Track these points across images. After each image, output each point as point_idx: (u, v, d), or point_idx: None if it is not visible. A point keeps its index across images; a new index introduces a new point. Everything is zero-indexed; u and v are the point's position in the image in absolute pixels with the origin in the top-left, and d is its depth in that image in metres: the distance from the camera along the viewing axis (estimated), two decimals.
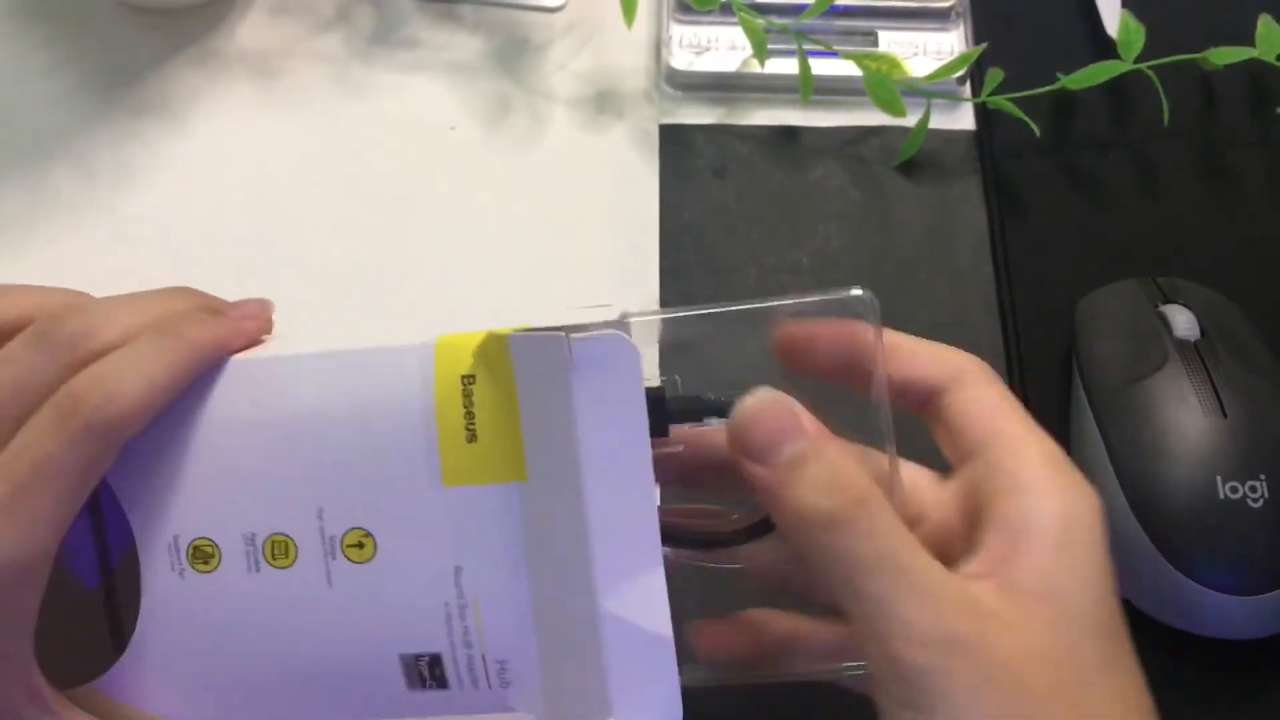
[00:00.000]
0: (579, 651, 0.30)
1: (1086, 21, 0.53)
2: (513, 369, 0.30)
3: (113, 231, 0.46)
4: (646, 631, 0.29)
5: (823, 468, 0.29)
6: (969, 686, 0.27)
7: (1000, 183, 0.49)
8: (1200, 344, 0.41)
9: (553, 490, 0.30)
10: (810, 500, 0.28)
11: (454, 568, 0.30)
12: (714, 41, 0.52)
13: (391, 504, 0.30)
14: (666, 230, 0.48)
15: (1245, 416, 0.39)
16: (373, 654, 0.31)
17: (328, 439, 0.30)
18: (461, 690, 0.31)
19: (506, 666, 0.31)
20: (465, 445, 0.30)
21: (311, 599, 0.30)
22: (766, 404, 0.29)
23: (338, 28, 0.53)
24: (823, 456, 0.29)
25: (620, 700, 0.29)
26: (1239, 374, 0.41)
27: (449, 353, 0.31)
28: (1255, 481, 0.38)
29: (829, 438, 0.29)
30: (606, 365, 0.29)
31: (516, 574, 0.30)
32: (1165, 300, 0.43)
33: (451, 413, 0.30)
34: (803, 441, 0.29)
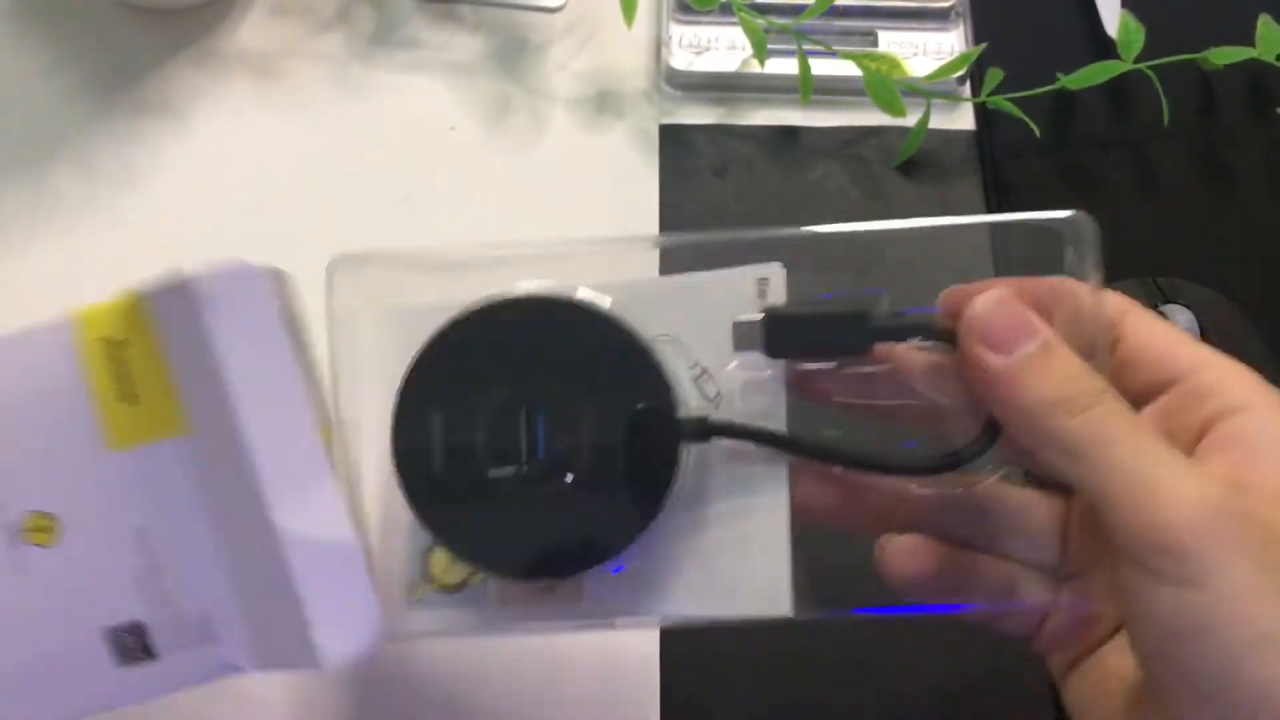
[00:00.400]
0: (273, 583, 0.30)
1: (1086, 21, 0.53)
2: (158, 323, 0.31)
3: (113, 231, 0.46)
4: (329, 542, 0.30)
5: (1065, 360, 0.29)
6: (1243, 551, 0.26)
7: (1000, 183, 0.49)
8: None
9: (217, 432, 0.30)
10: (1055, 387, 0.29)
11: (135, 530, 0.31)
12: (714, 41, 0.52)
13: (64, 481, 0.31)
14: (666, 230, 0.48)
15: None
16: (76, 638, 0.31)
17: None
18: (171, 656, 0.31)
19: (209, 620, 0.31)
20: (125, 408, 0.31)
21: (3, 593, 0.31)
22: (1006, 301, 0.30)
23: (338, 28, 0.53)
24: (1062, 352, 0.29)
25: (318, 616, 0.30)
26: None
27: (89, 322, 0.31)
28: None
29: (1061, 340, 0.29)
30: (236, 295, 0.30)
31: (200, 525, 0.31)
32: (1165, 300, 0.43)
33: (103, 379, 0.31)
34: (1042, 337, 0.29)
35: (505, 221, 0.48)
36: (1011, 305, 0.30)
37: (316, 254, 0.48)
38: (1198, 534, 0.27)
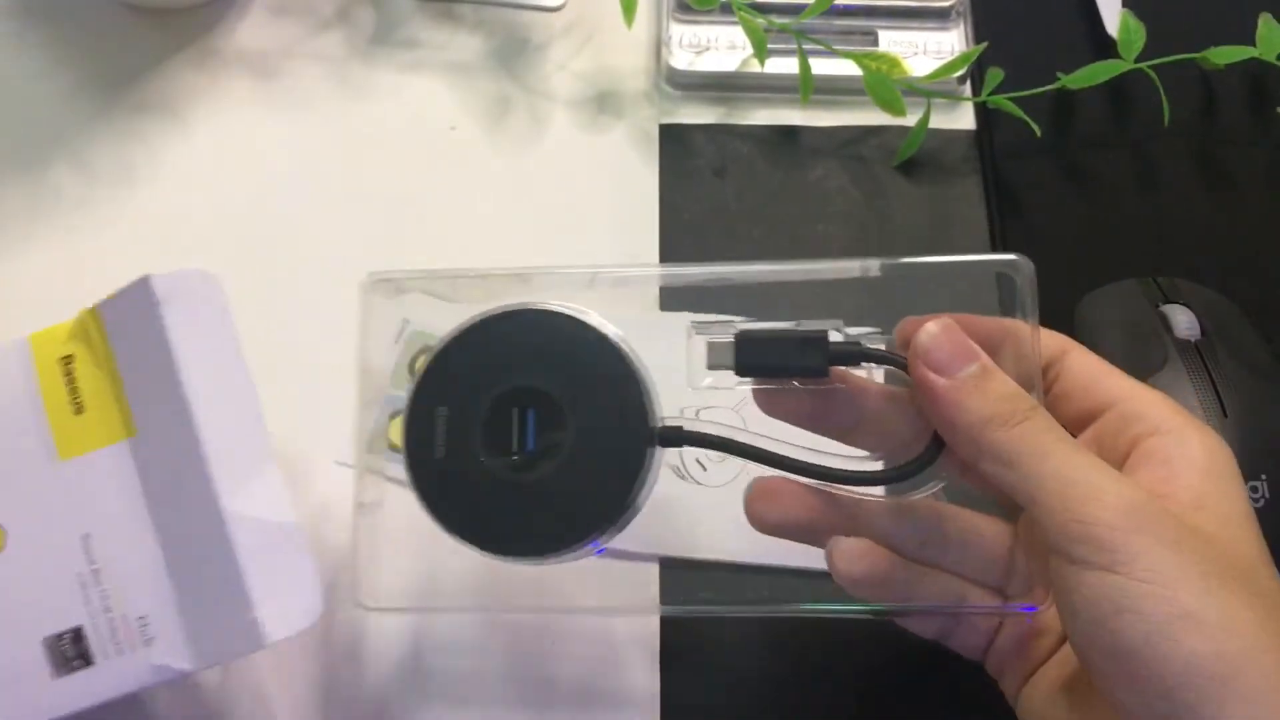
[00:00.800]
0: (215, 568, 0.32)
1: (1086, 21, 0.53)
2: (108, 333, 0.33)
3: (112, 231, 0.46)
4: (271, 523, 0.32)
5: (1000, 381, 0.32)
6: (1162, 541, 0.29)
7: (1000, 182, 0.49)
8: (1200, 344, 0.41)
9: (163, 427, 0.32)
10: (991, 404, 0.32)
11: (82, 536, 0.32)
12: (714, 41, 0.52)
13: (16, 492, 0.32)
14: (666, 230, 0.48)
15: (1246, 417, 0.39)
16: (17, 648, 0.32)
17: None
18: (107, 661, 0.32)
19: (147, 621, 0.32)
20: (74, 418, 0.33)
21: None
22: (949, 329, 0.33)
23: (338, 27, 0.53)
24: (998, 375, 0.33)
25: (261, 594, 0.31)
26: (1239, 374, 0.41)
27: (45, 342, 0.34)
28: (1256, 482, 0.38)
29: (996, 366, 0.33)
30: (191, 298, 0.34)
31: (140, 525, 0.32)
32: (1165, 300, 0.43)
33: (56, 393, 0.33)
34: (980, 361, 0.33)
35: (505, 221, 0.48)
36: (954, 333, 0.33)
37: (316, 254, 0.48)
38: (1120, 527, 0.29)
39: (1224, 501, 0.31)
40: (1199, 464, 0.32)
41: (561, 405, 0.34)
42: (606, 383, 0.35)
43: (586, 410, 0.34)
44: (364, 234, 0.48)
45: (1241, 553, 0.31)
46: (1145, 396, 0.34)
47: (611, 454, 0.34)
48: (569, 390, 0.35)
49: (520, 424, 0.35)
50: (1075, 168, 0.50)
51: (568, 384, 0.35)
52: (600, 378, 0.35)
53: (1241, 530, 0.31)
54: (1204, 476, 0.32)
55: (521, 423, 0.35)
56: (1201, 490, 0.31)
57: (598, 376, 0.35)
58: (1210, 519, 0.31)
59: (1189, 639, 0.28)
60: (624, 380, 0.34)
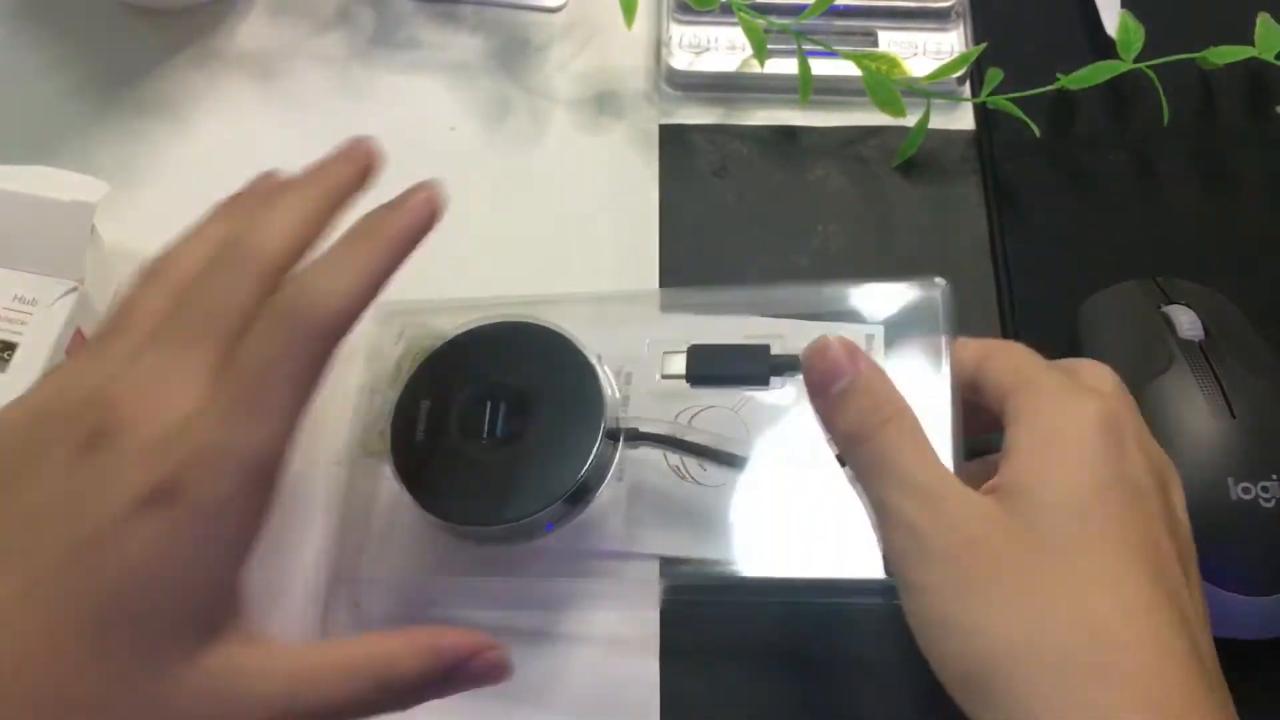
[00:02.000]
0: None
1: (1086, 21, 0.53)
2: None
3: (112, 231, 0.46)
4: None
5: (859, 398, 0.34)
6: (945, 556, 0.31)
7: (1000, 183, 0.49)
8: (1204, 344, 0.41)
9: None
10: (850, 421, 0.34)
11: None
12: (714, 41, 0.52)
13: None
14: (666, 230, 0.48)
15: (1253, 417, 0.39)
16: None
17: None
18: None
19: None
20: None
21: None
22: (820, 349, 0.34)
23: (338, 28, 0.53)
24: (861, 389, 0.34)
25: None
26: (1244, 374, 0.40)
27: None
28: (1267, 482, 0.38)
29: (875, 372, 0.34)
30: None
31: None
32: (1167, 300, 0.43)
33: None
34: (846, 379, 0.34)
35: (505, 222, 0.48)
36: (826, 352, 0.34)
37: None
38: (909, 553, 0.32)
39: (1049, 488, 0.32)
40: (1027, 447, 0.33)
41: (529, 401, 0.39)
42: (571, 385, 0.39)
43: (550, 407, 0.38)
44: None
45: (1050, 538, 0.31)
46: (1027, 385, 0.34)
47: (568, 444, 0.38)
48: (538, 389, 0.39)
49: (492, 415, 0.39)
50: (1074, 168, 0.50)
51: (537, 384, 0.39)
52: (566, 381, 0.39)
53: (1060, 513, 0.31)
54: (1030, 459, 0.32)
55: (493, 413, 0.39)
56: (1023, 471, 0.32)
57: (564, 379, 0.39)
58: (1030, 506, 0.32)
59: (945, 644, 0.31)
60: (586, 384, 0.38)
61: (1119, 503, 0.32)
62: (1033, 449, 0.33)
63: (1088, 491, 0.31)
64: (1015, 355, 0.36)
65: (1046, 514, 0.31)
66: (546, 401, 0.39)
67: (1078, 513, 0.31)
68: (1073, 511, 0.31)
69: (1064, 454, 0.32)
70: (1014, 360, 0.35)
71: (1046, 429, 0.33)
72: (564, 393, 0.39)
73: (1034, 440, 0.33)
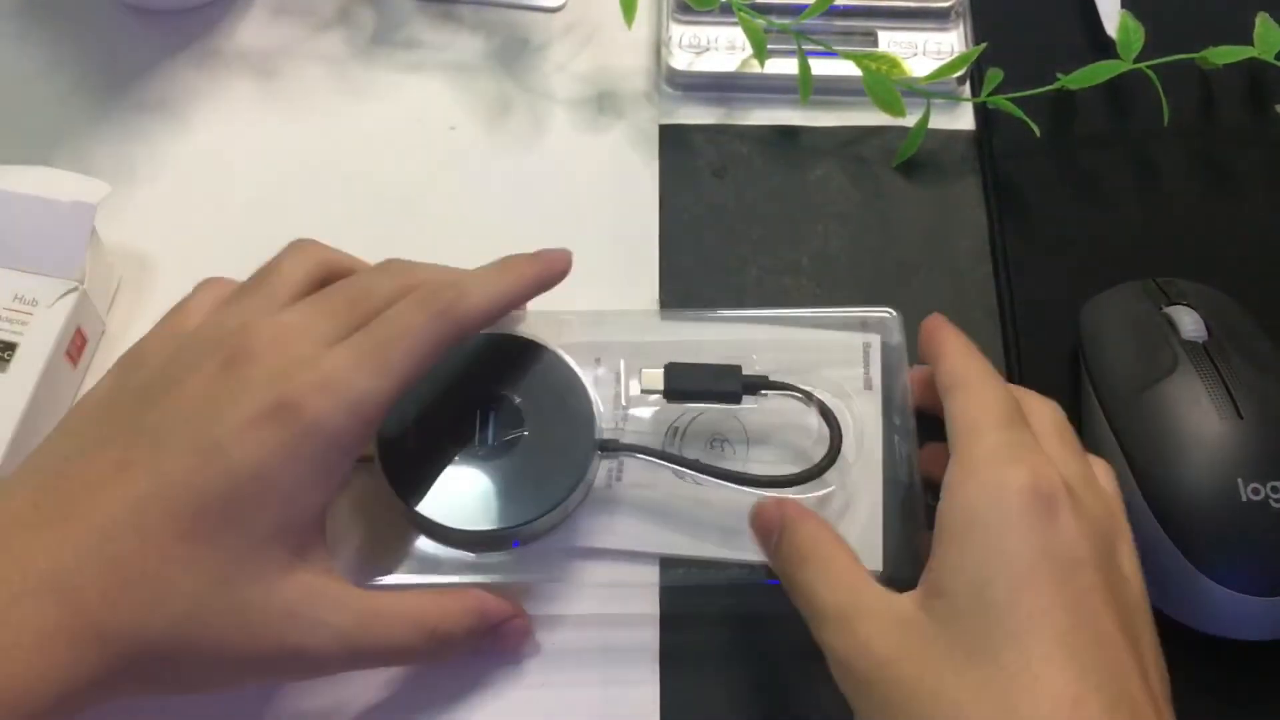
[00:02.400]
0: None
1: (1086, 21, 0.53)
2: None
3: (112, 231, 0.46)
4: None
5: (785, 545, 0.36)
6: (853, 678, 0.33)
7: (1000, 183, 0.49)
8: (1208, 345, 0.41)
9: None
10: (781, 574, 0.36)
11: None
12: (714, 41, 0.52)
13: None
14: (666, 230, 0.48)
15: (1261, 417, 0.39)
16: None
17: None
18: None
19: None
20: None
21: None
22: (760, 510, 0.37)
23: (338, 28, 0.53)
24: (786, 537, 0.36)
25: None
26: (1250, 374, 0.40)
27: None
28: (1277, 483, 0.38)
29: (799, 516, 0.36)
30: None
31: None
32: (1168, 301, 0.43)
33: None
34: (778, 532, 0.36)
35: (505, 222, 0.48)
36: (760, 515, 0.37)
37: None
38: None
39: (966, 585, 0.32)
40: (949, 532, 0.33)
41: (518, 411, 0.39)
42: (562, 396, 0.40)
43: (538, 418, 0.39)
44: (364, 234, 0.48)
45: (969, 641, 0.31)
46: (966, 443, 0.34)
47: (560, 455, 0.39)
48: (529, 400, 0.40)
49: (481, 423, 0.39)
50: (1074, 168, 0.50)
51: (529, 396, 0.40)
52: (558, 396, 0.40)
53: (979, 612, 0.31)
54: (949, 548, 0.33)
55: (483, 422, 0.39)
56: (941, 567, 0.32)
57: (556, 395, 0.40)
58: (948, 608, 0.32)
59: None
60: (577, 400, 0.40)
61: (1044, 589, 0.31)
62: (953, 537, 0.32)
63: (1008, 583, 0.31)
64: (977, 397, 0.36)
65: (964, 616, 0.31)
66: (535, 413, 0.39)
67: (998, 608, 0.31)
68: (992, 608, 0.31)
69: (983, 542, 0.32)
70: (972, 405, 0.35)
71: (969, 511, 0.33)
72: (552, 404, 0.40)
73: (955, 525, 0.33)
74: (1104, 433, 0.41)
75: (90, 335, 0.45)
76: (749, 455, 0.41)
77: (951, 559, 0.32)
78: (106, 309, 0.46)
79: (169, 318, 0.38)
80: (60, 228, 0.43)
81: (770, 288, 0.47)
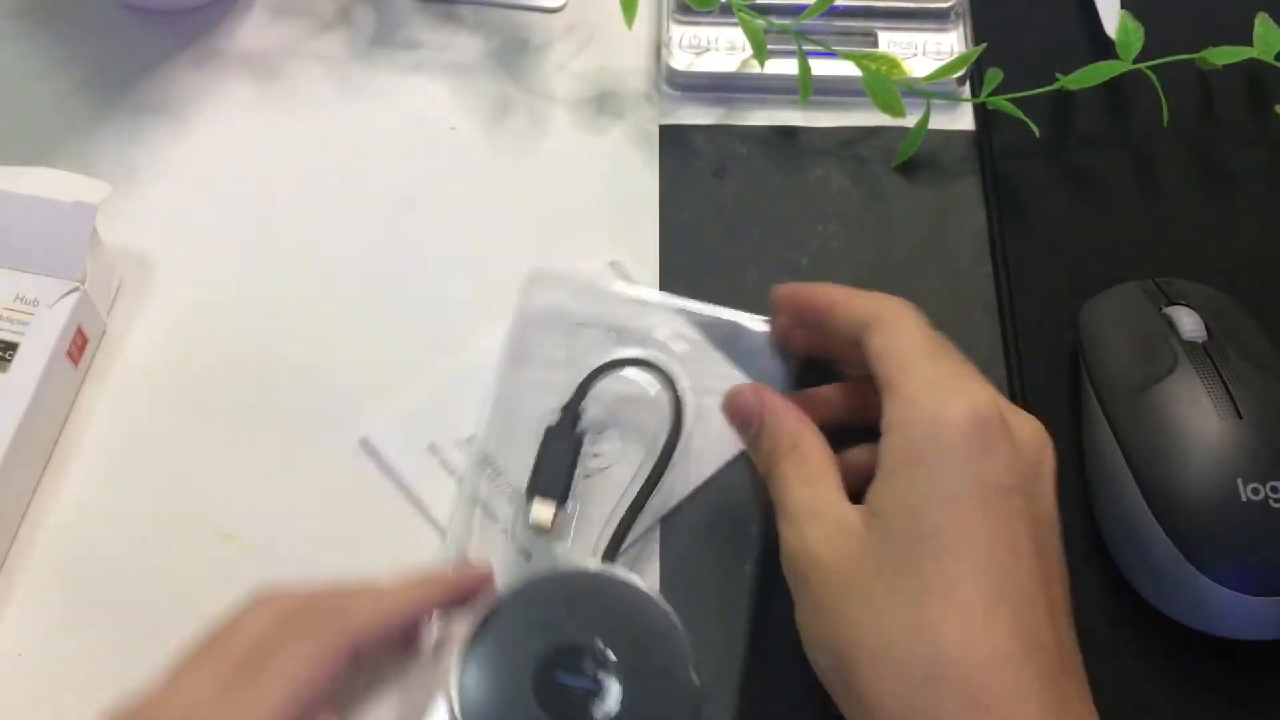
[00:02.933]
0: None
1: (1086, 21, 0.53)
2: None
3: (112, 232, 0.46)
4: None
5: (763, 439, 0.38)
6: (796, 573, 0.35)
7: (1000, 183, 0.49)
8: (1208, 345, 0.41)
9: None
10: (759, 464, 0.39)
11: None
12: (714, 42, 0.52)
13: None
14: (666, 230, 0.48)
15: (1261, 417, 0.39)
16: None
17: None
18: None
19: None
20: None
21: None
22: (732, 397, 0.40)
23: (338, 28, 0.53)
24: (766, 429, 0.38)
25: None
26: (1249, 373, 0.40)
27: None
28: (1276, 482, 0.38)
29: (778, 408, 0.38)
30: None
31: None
32: (1168, 301, 0.43)
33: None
34: (755, 423, 0.39)
35: (505, 221, 0.48)
36: (736, 399, 0.39)
37: (317, 254, 0.48)
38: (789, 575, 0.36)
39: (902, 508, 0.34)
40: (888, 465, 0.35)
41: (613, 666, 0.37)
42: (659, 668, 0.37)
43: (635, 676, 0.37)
44: (364, 234, 0.48)
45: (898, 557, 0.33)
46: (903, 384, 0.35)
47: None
48: (626, 668, 0.37)
49: (567, 689, 0.37)
50: (1074, 168, 0.50)
51: (625, 661, 0.37)
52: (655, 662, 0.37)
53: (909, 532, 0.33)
54: (887, 478, 0.34)
55: (568, 689, 0.37)
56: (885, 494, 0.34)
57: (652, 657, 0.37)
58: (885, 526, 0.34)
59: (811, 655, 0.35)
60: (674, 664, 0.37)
61: (971, 512, 0.33)
62: (894, 467, 0.34)
63: (939, 507, 0.33)
64: (898, 333, 0.37)
65: (897, 534, 0.33)
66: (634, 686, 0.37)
67: (927, 529, 0.33)
68: (922, 529, 0.33)
69: (922, 471, 0.34)
70: (896, 340, 0.37)
71: (911, 443, 0.34)
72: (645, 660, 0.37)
73: (897, 457, 0.34)
74: (1103, 433, 0.41)
75: (91, 335, 0.45)
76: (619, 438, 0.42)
77: (894, 484, 0.34)
78: (107, 309, 0.46)
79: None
80: (61, 228, 0.43)
81: (770, 288, 0.47)
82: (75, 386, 0.44)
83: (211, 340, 0.46)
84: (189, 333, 0.46)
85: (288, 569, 0.42)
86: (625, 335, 0.44)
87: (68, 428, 0.44)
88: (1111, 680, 0.33)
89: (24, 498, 0.42)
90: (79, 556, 0.42)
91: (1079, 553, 0.41)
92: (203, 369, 0.45)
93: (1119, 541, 0.41)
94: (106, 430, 0.44)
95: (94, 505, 0.43)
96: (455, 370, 0.45)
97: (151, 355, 0.46)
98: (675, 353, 0.44)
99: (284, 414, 0.44)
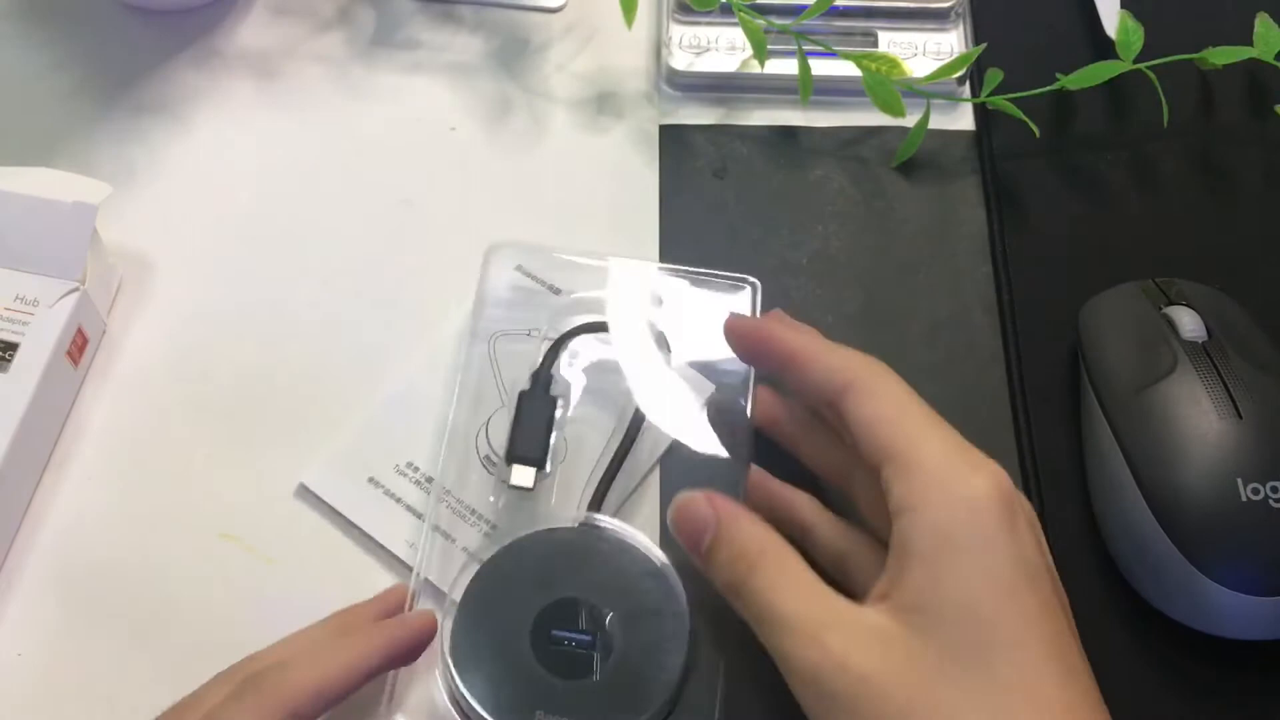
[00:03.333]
0: None
1: (1086, 21, 0.53)
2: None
3: (112, 232, 0.46)
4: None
5: (724, 549, 0.35)
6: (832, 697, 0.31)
7: (999, 183, 0.49)
8: (1208, 345, 0.41)
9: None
10: (721, 579, 0.35)
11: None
12: (714, 42, 0.52)
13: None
14: (666, 230, 0.48)
15: (1261, 417, 0.39)
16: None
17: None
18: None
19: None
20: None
21: None
22: (682, 507, 0.36)
23: (338, 29, 0.53)
24: (724, 539, 0.35)
25: None
26: (1249, 374, 0.40)
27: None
28: (1276, 482, 0.38)
29: (735, 515, 0.35)
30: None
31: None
32: (1168, 302, 0.43)
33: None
34: (709, 534, 0.35)
35: (505, 221, 0.48)
36: (688, 509, 0.36)
37: (317, 254, 0.48)
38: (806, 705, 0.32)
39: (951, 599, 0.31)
40: (922, 551, 0.32)
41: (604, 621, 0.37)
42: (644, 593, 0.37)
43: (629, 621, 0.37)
44: (364, 234, 0.48)
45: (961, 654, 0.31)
46: (906, 458, 0.33)
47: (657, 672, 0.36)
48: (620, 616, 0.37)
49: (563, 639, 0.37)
50: (1074, 168, 0.50)
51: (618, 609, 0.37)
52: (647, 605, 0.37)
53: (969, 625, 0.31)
54: (927, 567, 0.32)
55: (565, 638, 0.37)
56: (921, 586, 0.32)
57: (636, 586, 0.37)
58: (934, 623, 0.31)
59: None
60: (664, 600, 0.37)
61: (1025, 599, 0.31)
62: (926, 553, 0.32)
63: (993, 595, 0.31)
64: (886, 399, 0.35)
65: (952, 629, 0.31)
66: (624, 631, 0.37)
67: (988, 622, 0.31)
68: (983, 621, 0.31)
69: (964, 558, 0.31)
70: (886, 408, 0.34)
71: (939, 527, 0.32)
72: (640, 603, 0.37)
73: (927, 542, 0.32)
74: (1103, 433, 0.41)
75: (91, 335, 0.45)
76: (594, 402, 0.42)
77: (932, 575, 0.32)
78: (107, 309, 0.46)
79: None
80: (61, 228, 0.43)
81: (770, 288, 0.47)
82: (75, 387, 0.44)
83: (211, 340, 0.46)
84: (189, 333, 0.46)
85: (288, 569, 0.42)
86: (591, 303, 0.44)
87: (68, 428, 0.44)
88: (1112, 680, 0.33)
89: (24, 498, 0.42)
90: (79, 556, 0.42)
91: (1079, 553, 0.41)
92: (202, 369, 0.45)
93: (1119, 541, 0.41)
94: (106, 430, 0.44)
95: (94, 505, 0.43)
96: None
97: (151, 355, 0.46)
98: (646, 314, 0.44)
99: (284, 414, 0.44)
